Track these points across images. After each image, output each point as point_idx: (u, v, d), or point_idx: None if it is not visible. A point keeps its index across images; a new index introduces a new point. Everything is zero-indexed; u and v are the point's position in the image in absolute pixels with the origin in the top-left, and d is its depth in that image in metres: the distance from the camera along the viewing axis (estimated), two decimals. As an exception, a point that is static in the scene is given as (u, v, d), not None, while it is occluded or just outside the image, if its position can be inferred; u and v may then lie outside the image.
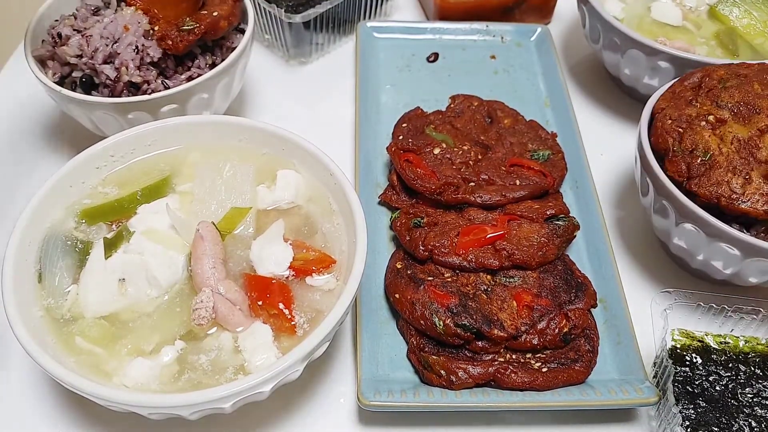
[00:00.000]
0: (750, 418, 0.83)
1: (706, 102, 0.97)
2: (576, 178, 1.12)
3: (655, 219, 0.98)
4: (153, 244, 0.86)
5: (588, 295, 0.94)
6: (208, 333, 0.81)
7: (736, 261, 0.89)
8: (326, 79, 1.35)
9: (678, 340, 0.89)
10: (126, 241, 0.87)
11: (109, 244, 0.86)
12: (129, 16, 1.07)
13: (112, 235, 0.88)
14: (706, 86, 0.99)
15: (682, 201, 0.90)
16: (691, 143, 0.93)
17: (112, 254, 0.86)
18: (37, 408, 0.88)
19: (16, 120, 1.25)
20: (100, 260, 0.85)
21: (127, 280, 0.84)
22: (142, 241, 0.86)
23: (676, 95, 1.01)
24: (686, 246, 0.94)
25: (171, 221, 0.87)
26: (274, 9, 1.26)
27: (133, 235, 0.87)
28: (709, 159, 0.91)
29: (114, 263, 0.85)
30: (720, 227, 0.87)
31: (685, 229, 0.92)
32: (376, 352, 0.91)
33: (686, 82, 1.02)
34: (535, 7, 1.45)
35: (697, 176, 0.91)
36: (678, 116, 0.97)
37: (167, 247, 0.86)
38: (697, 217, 0.89)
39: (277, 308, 0.81)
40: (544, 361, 0.89)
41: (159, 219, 0.88)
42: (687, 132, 0.94)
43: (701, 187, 0.90)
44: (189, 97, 1.04)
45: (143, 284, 0.83)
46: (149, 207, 0.90)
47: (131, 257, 0.85)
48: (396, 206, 1.07)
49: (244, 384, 0.71)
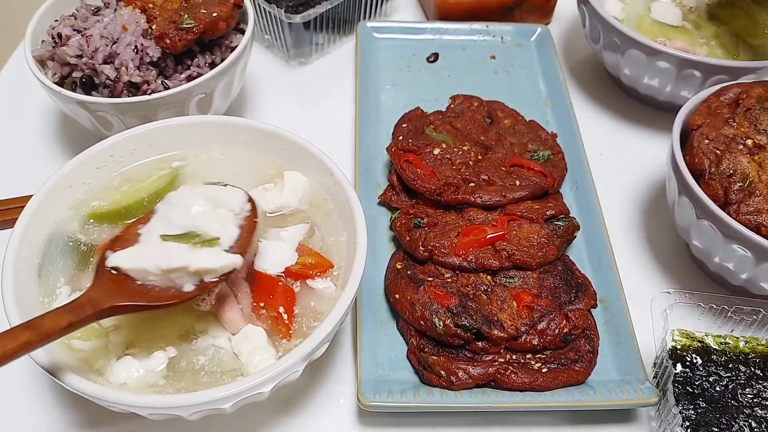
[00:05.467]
0: (750, 418, 0.83)
1: (744, 123, 0.96)
2: (576, 179, 1.12)
3: (695, 238, 0.97)
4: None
5: (588, 296, 0.94)
6: (202, 333, 0.81)
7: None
8: (326, 80, 1.35)
9: (678, 341, 0.89)
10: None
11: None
12: (127, 16, 1.07)
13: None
14: (744, 105, 0.98)
15: (730, 223, 0.88)
16: (728, 167, 0.92)
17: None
18: (37, 408, 0.88)
19: (15, 120, 1.25)
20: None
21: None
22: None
23: (712, 111, 1.00)
24: (730, 266, 0.94)
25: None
26: (274, 9, 1.26)
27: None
28: (748, 186, 0.90)
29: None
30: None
31: (729, 248, 0.91)
32: (376, 353, 0.91)
33: (722, 97, 1.01)
34: (535, 7, 1.45)
35: (736, 202, 0.90)
36: (715, 137, 0.96)
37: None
38: (744, 238, 0.88)
39: (276, 311, 0.81)
40: (544, 362, 0.89)
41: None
42: (725, 155, 0.93)
43: (740, 214, 0.89)
44: (189, 98, 1.04)
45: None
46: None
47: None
48: (396, 206, 1.07)
49: (244, 384, 0.71)
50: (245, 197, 0.84)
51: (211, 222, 0.79)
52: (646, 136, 1.26)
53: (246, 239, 0.81)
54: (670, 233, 1.11)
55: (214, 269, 0.76)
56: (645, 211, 1.15)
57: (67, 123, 1.24)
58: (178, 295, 0.75)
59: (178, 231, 0.78)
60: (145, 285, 0.75)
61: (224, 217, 0.81)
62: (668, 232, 1.11)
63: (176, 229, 0.78)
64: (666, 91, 1.18)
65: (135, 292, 0.74)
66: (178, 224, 0.78)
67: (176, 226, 0.78)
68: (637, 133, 1.27)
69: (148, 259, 0.74)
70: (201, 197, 0.81)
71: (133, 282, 0.75)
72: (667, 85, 1.17)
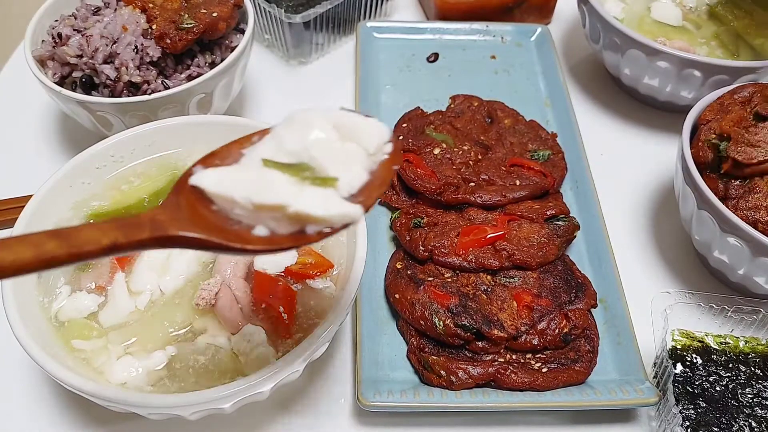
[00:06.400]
0: (750, 418, 0.83)
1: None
2: (576, 178, 1.12)
3: (695, 231, 0.97)
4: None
5: (588, 296, 0.94)
6: (202, 332, 0.81)
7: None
8: (326, 79, 1.35)
9: (678, 341, 0.89)
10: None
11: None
12: (127, 16, 1.07)
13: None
14: (755, 102, 0.98)
15: (726, 215, 0.88)
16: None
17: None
18: (37, 408, 0.88)
19: (15, 120, 1.25)
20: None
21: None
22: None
23: (723, 108, 1.00)
24: (728, 260, 0.94)
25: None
26: (274, 9, 1.26)
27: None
28: (748, 182, 0.91)
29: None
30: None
31: (727, 241, 0.91)
32: (376, 353, 0.91)
33: (736, 95, 1.01)
34: (536, 7, 1.45)
35: (736, 197, 0.90)
36: (721, 132, 0.96)
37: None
38: (740, 231, 0.88)
39: (276, 311, 0.81)
40: (544, 362, 0.89)
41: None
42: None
43: (738, 209, 0.89)
44: (189, 97, 1.04)
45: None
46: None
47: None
48: (396, 206, 1.07)
49: (244, 384, 0.71)
50: (387, 135, 0.63)
51: (333, 156, 0.60)
52: (646, 136, 1.26)
53: (375, 189, 0.60)
54: (671, 232, 1.11)
55: (321, 218, 0.56)
56: (645, 210, 1.15)
57: (67, 123, 1.24)
58: (263, 240, 0.57)
59: (287, 159, 0.59)
60: (226, 217, 0.58)
61: (352, 154, 0.61)
62: (669, 231, 1.11)
63: (285, 156, 0.60)
64: (666, 90, 1.18)
65: (211, 224, 0.57)
66: (289, 150, 0.60)
67: (287, 152, 0.60)
68: (637, 132, 1.27)
69: (239, 186, 0.57)
70: (328, 122, 0.61)
71: (212, 210, 0.58)
72: (667, 85, 1.17)
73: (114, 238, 0.52)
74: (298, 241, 0.57)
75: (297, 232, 0.57)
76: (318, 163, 0.58)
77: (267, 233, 0.57)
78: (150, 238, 0.54)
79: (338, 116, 0.62)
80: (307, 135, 0.59)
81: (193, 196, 0.58)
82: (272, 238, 0.57)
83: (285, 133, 0.60)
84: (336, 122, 0.61)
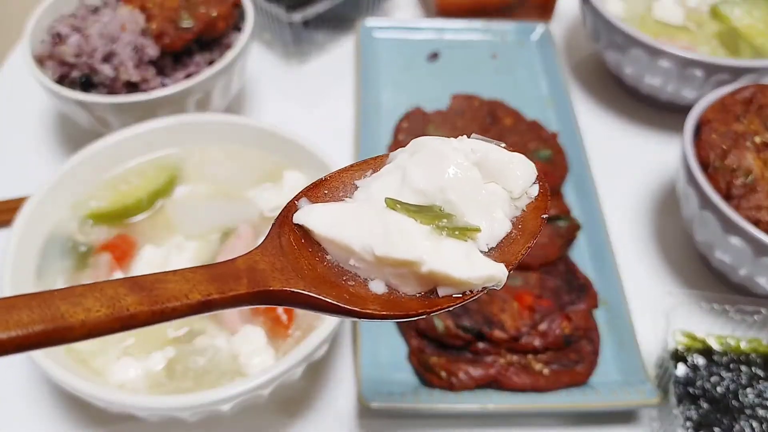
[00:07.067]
0: (752, 419, 0.83)
1: (754, 120, 0.96)
2: (577, 178, 1.12)
3: (697, 231, 0.96)
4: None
5: (590, 296, 0.94)
6: (201, 333, 0.80)
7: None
8: (326, 78, 1.35)
9: (680, 342, 0.88)
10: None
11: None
12: (126, 15, 1.07)
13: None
14: (757, 103, 0.98)
15: (729, 215, 0.88)
16: (733, 162, 0.92)
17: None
18: (36, 408, 0.88)
19: (14, 119, 1.25)
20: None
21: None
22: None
23: (725, 107, 1.00)
24: (730, 260, 0.93)
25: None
26: (274, 8, 1.25)
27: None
28: (750, 182, 0.90)
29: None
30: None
31: (729, 242, 0.90)
32: (376, 354, 0.91)
33: (737, 95, 1.01)
34: (537, 6, 1.45)
35: (737, 197, 0.90)
36: (724, 132, 0.96)
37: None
38: (742, 231, 0.87)
39: (276, 311, 0.80)
40: (545, 363, 0.89)
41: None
42: (731, 150, 0.93)
43: (740, 209, 0.89)
44: (188, 96, 1.04)
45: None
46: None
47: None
48: (396, 206, 1.06)
49: (243, 385, 0.71)
50: (534, 175, 0.51)
51: (471, 199, 0.48)
52: (647, 136, 1.26)
53: (521, 244, 0.49)
54: (673, 233, 1.11)
55: (462, 281, 0.45)
56: (647, 210, 1.14)
57: (66, 122, 1.23)
58: (385, 302, 0.46)
59: (415, 198, 0.48)
60: (338, 268, 0.47)
61: (495, 198, 0.49)
62: (671, 231, 1.11)
63: (413, 195, 0.48)
64: (668, 90, 1.18)
65: (320, 276, 0.46)
66: (418, 188, 0.48)
67: (415, 190, 0.48)
68: (639, 132, 1.27)
69: (357, 231, 0.46)
70: (466, 156, 0.49)
71: (321, 258, 0.47)
72: (668, 85, 1.16)
73: (206, 294, 0.42)
74: (429, 307, 0.46)
75: (425, 294, 0.46)
76: (456, 208, 0.47)
77: (385, 290, 0.46)
78: (247, 294, 0.43)
79: (476, 148, 0.50)
80: (443, 172, 0.48)
81: (297, 237, 0.47)
82: (396, 301, 0.46)
83: (412, 167, 0.49)
84: (477, 155, 0.50)
